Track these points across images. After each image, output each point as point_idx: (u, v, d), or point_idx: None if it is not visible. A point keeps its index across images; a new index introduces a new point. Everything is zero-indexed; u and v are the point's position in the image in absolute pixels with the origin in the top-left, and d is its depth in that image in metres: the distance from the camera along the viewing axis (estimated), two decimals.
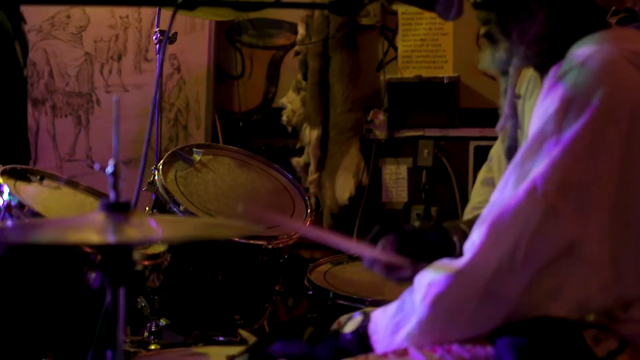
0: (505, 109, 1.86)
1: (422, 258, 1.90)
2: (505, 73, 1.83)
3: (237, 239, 2.62)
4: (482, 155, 2.58)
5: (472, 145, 4.58)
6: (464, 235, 2.04)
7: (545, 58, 1.74)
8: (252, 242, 2.70)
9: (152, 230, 1.50)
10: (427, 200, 4.69)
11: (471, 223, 2.02)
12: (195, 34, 4.71)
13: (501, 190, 1.58)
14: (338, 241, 1.92)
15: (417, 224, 4.46)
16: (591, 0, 1.68)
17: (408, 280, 1.88)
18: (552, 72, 1.60)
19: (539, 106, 1.60)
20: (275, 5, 1.71)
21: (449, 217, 2.37)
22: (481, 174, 2.28)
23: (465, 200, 4.46)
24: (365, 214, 4.70)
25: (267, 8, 1.75)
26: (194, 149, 2.94)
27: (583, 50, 1.60)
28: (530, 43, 1.71)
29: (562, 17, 1.70)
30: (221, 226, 1.77)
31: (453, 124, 4.63)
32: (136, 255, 2.17)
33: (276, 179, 2.97)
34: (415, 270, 1.84)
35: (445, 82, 4.52)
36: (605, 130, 1.50)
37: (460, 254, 1.93)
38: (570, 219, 1.49)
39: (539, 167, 1.50)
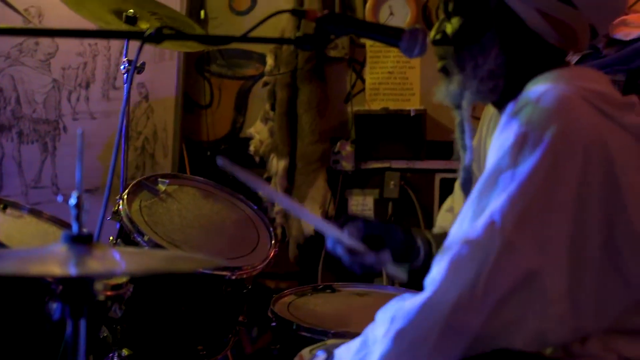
0: (459, 142, 1.90)
1: (385, 246, 1.92)
2: (459, 107, 1.86)
3: (200, 270, 2.61)
4: (448, 187, 2.61)
5: (438, 177, 4.62)
6: (428, 243, 2.07)
7: (502, 95, 1.77)
8: (215, 272, 2.70)
9: (114, 263, 1.50)
10: None
11: (436, 236, 2.05)
12: (164, 63, 4.72)
13: (460, 224, 1.60)
14: (307, 214, 1.94)
15: None
16: (546, 42, 1.72)
17: (369, 269, 1.90)
18: (509, 108, 1.63)
19: (495, 141, 1.63)
20: (241, 40, 1.73)
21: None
22: (446, 204, 2.31)
23: None
24: None
25: (233, 42, 1.76)
26: (159, 179, 2.94)
27: (539, 87, 1.63)
28: (483, 78, 1.75)
29: (517, 55, 1.73)
30: (184, 259, 1.77)
31: (419, 156, 4.67)
32: (98, 285, 2.17)
33: (241, 209, 2.97)
34: (378, 259, 1.86)
35: (412, 114, 4.56)
36: (560, 165, 1.52)
37: (423, 258, 1.96)
38: (528, 253, 1.51)
39: (497, 201, 1.52)
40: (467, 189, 1.92)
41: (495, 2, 1.71)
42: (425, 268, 1.71)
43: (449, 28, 1.79)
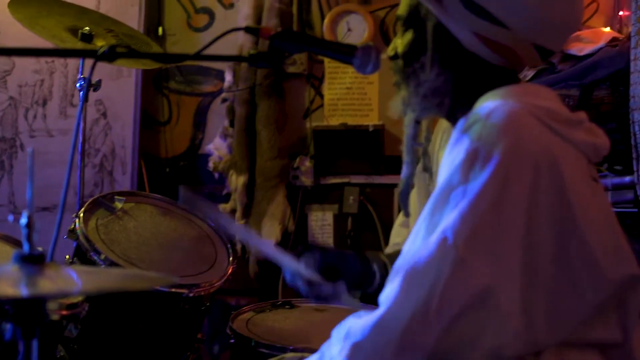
0: (403, 156, 1.93)
1: (342, 279, 1.94)
2: (417, 122, 1.89)
3: (157, 288, 2.59)
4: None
5: (397, 192, 4.63)
6: (384, 266, 2.08)
7: (451, 111, 1.79)
8: (172, 290, 2.68)
9: (67, 282, 1.48)
10: (352, 247, 4.72)
11: (391, 256, 2.06)
12: (122, 80, 4.70)
13: (413, 241, 1.61)
14: (265, 246, 1.95)
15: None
16: (488, 62, 1.74)
17: (326, 299, 1.92)
18: (459, 125, 1.64)
19: (446, 157, 1.64)
20: (195, 57, 1.73)
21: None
22: (400, 218, 2.32)
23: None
24: None
25: (186, 60, 1.77)
26: (116, 197, 2.92)
27: (488, 104, 1.64)
28: (427, 95, 1.77)
29: (461, 73, 1.75)
30: (140, 277, 1.76)
31: (378, 171, 4.69)
32: (53, 305, 2.15)
33: (199, 226, 2.96)
34: (335, 290, 1.87)
35: (370, 130, 4.58)
36: (510, 181, 1.54)
37: (379, 282, 1.98)
38: (481, 269, 1.52)
39: (448, 218, 1.53)
40: (403, 200, 1.96)
41: (433, 23, 1.73)
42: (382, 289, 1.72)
43: (399, 45, 1.82)
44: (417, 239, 1.60)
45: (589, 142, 1.70)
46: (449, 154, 1.63)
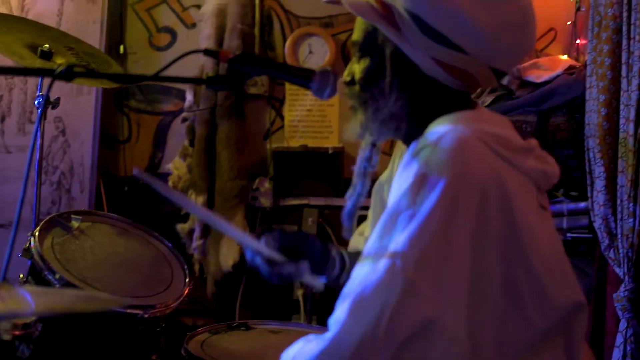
0: (353, 178, 1.94)
1: (303, 257, 1.93)
2: (373, 145, 1.90)
3: (112, 308, 2.57)
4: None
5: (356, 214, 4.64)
6: (342, 257, 2.08)
7: (407, 135, 1.80)
8: (128, 311, 2.66)
9: (19, 302, 1.47)
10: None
11: (350, 254, 2.07)
12: (82, 98, 4.68)
13: (362, 265, 1.61)
14: (224, 225, 1.93)
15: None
16: (445, 85, 1.75)
17: (287, 279, 1.90)
18: (410, 149, 1.65)
19: (395, 181, 1.65)
20: (152, 79, 1.73)
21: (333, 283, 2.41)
22: (360, 228, 2.32)
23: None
24: (249, 281, 4.70)
25: (144, 81, 1.77)
26: (73, 216, 2.90)
27: (438, 129, 1.66)
28: (384, 120, 1.78)
29: (417, 98, 1.77)
30: (94, 298, 1.75)
31: (337, 194, 4.70)
32: (5, 325, 2.13)
33: (156, 247, 2.95)
34: (296, 269, 1.87)
35: (330, 152, 4.60)
36: (458, 206, 1.54)
37: (338, 271, 1.98)
38: (429, 294, 1.52)
39: (397, 242, 1.54)
40: (348, 221, 1.97)
41: (391, 49, 1.74)
42: (340, 282, 1.72)
43: (357, 71, 1.83)
44: (366, 262, 1.60)
45: (539, 169, 1.71)
46: (398, 177, 1.64)
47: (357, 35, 1.82)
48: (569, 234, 3.79)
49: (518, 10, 1.73)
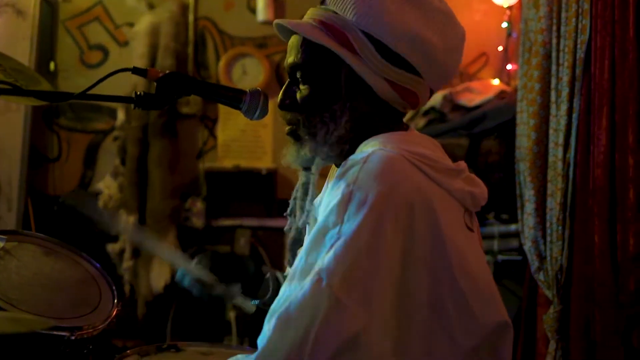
0: (298, 203, 1.91)
1: (234, 280, 1.91)
2: (307, 168, 1.88)
3: (37, 330, 2.51)
4: None
5: (289, 236, 4.64)
6: (275, 280, 2.06)
7: (345, 156, 1.79)
8: (54, 332, 2.60)
9: None
10: (242, 288, 4.69)
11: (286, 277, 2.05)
12: (10, 115, 4.60)
13: (289, 283, 1.60)
14: (156, 245, 1.91)
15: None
16: (390, 107, 1.76)
17: (218, 300, 1.88)
18: (340, 167, 1.65)
19: (324, 200, 1.65)
20: (79, 97, 1.70)
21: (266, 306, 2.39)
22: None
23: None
24: (181, 303, 4.66)
25: (71, 99, 1.74)
26: None
27: (367, 149, 1.66)
28: (333, 144, 1.76)
29: (362, 120, 1.76)
30: (19, 320, 1.71)
31: (270, 214, 4.70)
32: None
33: (84, 267, 2.88)
34: (227, 291, 1.85)
35: (263, 173, 4.60)
36: (385, 223, 1.54)
37: (271, 294, 1.96)
38: (355, 311, 1.52)
39: (323, 259, 1.53)
40: (294, 249, 1.94)
41: (346, 72, 1.73)
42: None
43: (299, 95, 1.78)
44: (293, 280, 1.59)
45: (466, 191, 1.72)
46: (327, 196, 1.63)
47: (295, 57, 1.77)
48: (499, 256, 3.83)
49: (460, 35, 1.77)
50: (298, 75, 1.78)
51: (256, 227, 4.72)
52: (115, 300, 2.85)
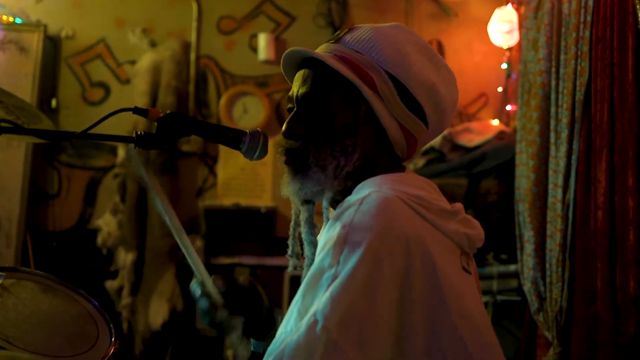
0: (306, 238, 1.90)
1: (241, 313, 1.86)
2: (307, 202, 1.86)
3: None
4: (297, 284, 2.61)
5: (288, 274, 4.63)
6: None
7: (344, 194, 1.79)
8: None
9: None
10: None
11: None
12: (11, 151, 4.61)
13: (285, 325, 1.58)
14: (187, 246, 1.87)
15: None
16: (391, 147, 1.76)
17: (218, 327, 1.84)
18: (337, 208, 1.65)
19: (320, 241, 1.64)
20: (80, 136, 1.71)
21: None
22: None
23: None
24: (178, 341, 4.64)
25: (72, 139, 1.74)
26: None
27: (363, 191, 1.66)
28: (341, 179, 1.76)
29: (367, 160, 1.76)
30: (14, 358, 1.70)
31: (269, 253, 4.69)
32: None
33: (82, 305, 2.87)
34: (228, 321, 1.80)
35: (262, 211, 4.60)
36: (381, 266, 1.53)
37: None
38: (351, 355, 1.50)
39: (320, 301, 1.52)
40: None
41: (365, 110, 1.73)
42: None
43: (309, 125, 1.77)
44: (289, 322, 1.58)
45: (461, 233, 1.71)
46: (324, 237, 1.63)
47: (307, 88, 1.74)
48: (498, 297, 3.82)
49: (456, 92, 1.80)
50: (308, 105, 1.76)
51: (255, 266, 4.71)
52: (113, 339, 2.84)
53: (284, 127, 1.79)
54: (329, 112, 1.75)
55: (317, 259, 1.59)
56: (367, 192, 1.64)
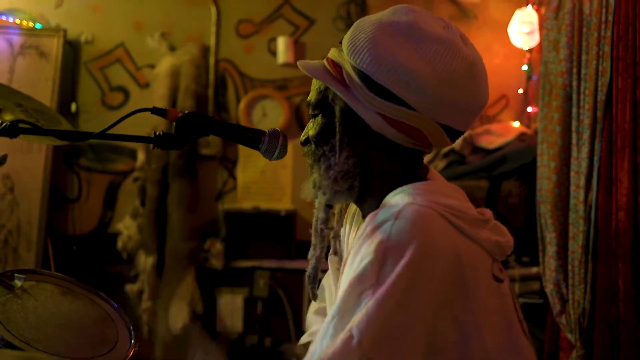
0: (312, 239, 1.90)
1: None
2: (327, 205, 1.87)
3: None
4: None
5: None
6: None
7: (360, 194, 1.78)
8: None
9: None
10: (261, 331, 4.68)
11: (305, 347, 2.01)
12: (32, 155, 4.62)
13: (320, 341, 1.57)
14: None
15: None
16: (397, 143, 1.74)
17: None
18: (368, 220, 1.63)
19: (354, 253, 1.62)
20: (99, 137, 1.71)
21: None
22: (313, 306, 2.28)
23: (299, 331, 4.47)
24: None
25: (90, 139, 1.74)
26: (16, 275, 2.82)
27: (397, 202, 1.64)
28: (337, 179, 1.75)
29: (368, 155, 1.75)
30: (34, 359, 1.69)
31: (289, 256, 4.68)
32: None
33: (101, 307, 2.87)
34: None
35: (282, 214, 4.59)
36: (418, 283, 1.52)
37: None
38: None
39: (356, 317, 1.51)
40: (312, 284, 1.93)
41: (341, 106, 1.73)
42: None
43: (311, 129, 1.80)
44: (324, 339, 1.57)
45: (493, 241, 1.70)
46: (358, 251, 1.61)
47: (311, 95, 1.81)
48: (520, 299, 3.80)
49: (463, 64, 1.70)
50: (310, 110, 1.81)
51: (275, 269, 4.70)
52: (132, 341, 2.84)
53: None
54: (321, 114, 1.78)
55: (353, 274, 1.58)
56: (402, 202, 1.63)
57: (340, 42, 1.78)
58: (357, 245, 1.63)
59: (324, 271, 2.10)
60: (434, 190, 1.72)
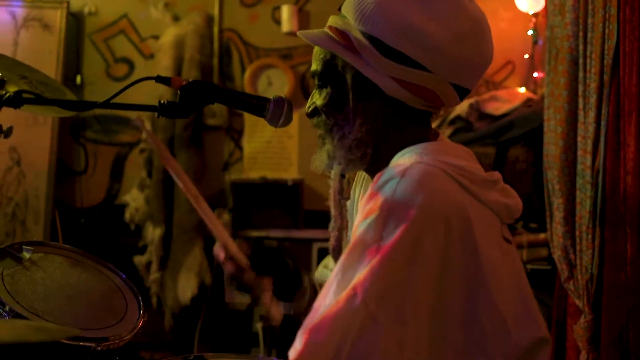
0: (331, 210, 1.90)
1: (268, 274, 1.86)
2: (341, 175, 1.87)
3: (63, 340, 2.51)
4: (325, 256, 2.61)
5: (316, 246, 4.63)
6: (314, 289, 2.03)
7: (372, 162, 1.77)
8: (80, 343, 2.60)
9: None
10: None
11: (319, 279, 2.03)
12: (38, 128, 4.62)
13: (323, 298, 1.57)
14: (205, 209, 1.88)
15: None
16: (409, 106, 1.73)
17: (245, 289, 1.84)
18: (376, 178, 1.63)
19: (360, 213, 1.62)
20: (103, 106, 1.70)
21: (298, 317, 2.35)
22: (324, 260, 2.26)
23: None
24: (208, 314, 4.65)
25: (94, 108, 1.73)
26: (24, 247, 2.82)
27: (404, 161, 1.63)
28: (351, 147, 1.75)
29: (381, 121, 1.74)
30: (44, 329, 1.70)
31: (297, 226, 4.68)
32: None
33: (110, 278, 2.87)
34: (258, 283, 1.80)
35: (289, 184, 4.58)
36: (422, 241, 1.51)
37: (308, 301, 1.92)
38: (390, 328, 1.49)
39: (360, 274, 1.50)
40: (334, 256, 1.93)
41: (352, 74, 1.72)
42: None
43: (318, 100, 1.79)
44: (327, 296, 1.56)
45: (501, 203, 1.70)
46: (363, 209, 1.60)
47: (315, 65, 1.79)
48: (528, 266, 3.80)
49: (471, 22, 1.70)
50: (316, 80, 1.79)
51: (283, 238, 4.70)
52: (142, 311, 2.84)
53: (306, 106, 1.82)
54: (328, 84, 1.77)
55: (358, 232, 1.57)
56: (409, 162, 1.62)
57: (339, 10, 1.77)
58: (363, 203, 1.63)
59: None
60: (442, 150, 1.72)
